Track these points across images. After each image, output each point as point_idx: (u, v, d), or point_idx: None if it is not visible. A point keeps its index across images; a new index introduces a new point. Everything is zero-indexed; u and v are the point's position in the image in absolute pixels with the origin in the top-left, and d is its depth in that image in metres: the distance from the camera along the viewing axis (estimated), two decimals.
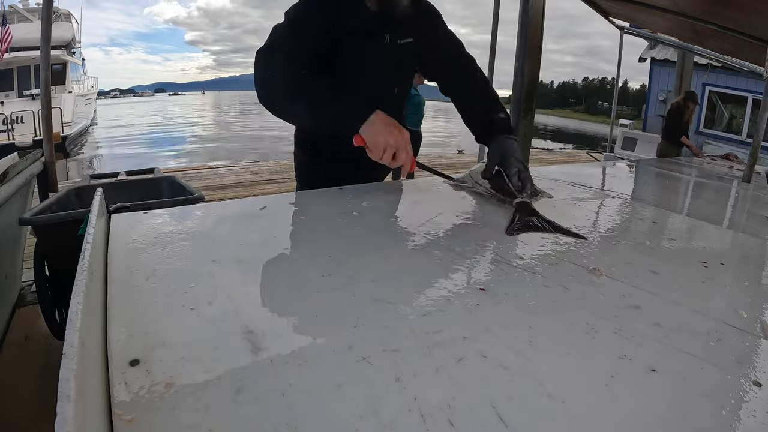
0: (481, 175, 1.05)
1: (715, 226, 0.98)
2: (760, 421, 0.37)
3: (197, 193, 1.92)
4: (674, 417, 0.37)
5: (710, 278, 0.67)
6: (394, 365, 0.41)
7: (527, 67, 1.91)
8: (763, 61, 1.95)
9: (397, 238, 0.76)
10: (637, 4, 2.93)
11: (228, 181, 5.04)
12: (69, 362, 0.29)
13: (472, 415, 0.36)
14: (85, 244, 0.51)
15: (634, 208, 1.08)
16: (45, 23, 2.25)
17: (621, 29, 4.47)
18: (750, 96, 7.69)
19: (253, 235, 0.73)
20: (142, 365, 0.39)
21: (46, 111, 2.33)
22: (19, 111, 9.64)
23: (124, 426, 0.33)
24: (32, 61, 10.89)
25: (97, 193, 0.74)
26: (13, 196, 1.70)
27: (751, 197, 1.51)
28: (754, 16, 2.16)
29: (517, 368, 0.42)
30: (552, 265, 0.66)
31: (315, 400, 0.36)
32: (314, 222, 0.82)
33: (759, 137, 2.01)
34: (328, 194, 0.98)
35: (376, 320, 0.49)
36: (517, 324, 0.49)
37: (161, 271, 0.57)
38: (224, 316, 0.48)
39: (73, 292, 0.39)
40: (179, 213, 0.82)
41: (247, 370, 0.39)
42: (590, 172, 1.66)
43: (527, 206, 0.88)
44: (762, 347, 0.49)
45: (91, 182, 2.30)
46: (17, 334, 1.82)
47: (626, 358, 0.44)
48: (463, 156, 6.83)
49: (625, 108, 28.33)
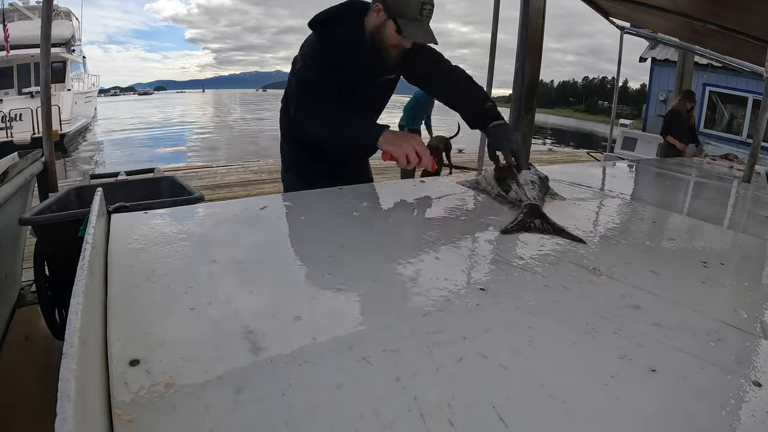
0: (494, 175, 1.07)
1: (715, 226, 0.98)
2: (760, 421, 0.37)
3: (197, 193, 1.92)
4: (674, 417, 0.37)
5: (710, 278, 0.67)
6: (394, 365, 0.41)
7: (527, 66, 1.91)
8: (763, 61, 1.95)
9: (397, 238, 0.76)
10: (637, 4, 2.93)
11: (228, 181, 5.04)
12: (69, 362, 0.29)
13: (472, 415, 0.36)
14: (85, 244, 0.51)
15: (634, 208, 1.08)
16: (45, 21, 2.24)
17: (621, 29, 4.46)
18: (750, 96, 7.68)
19: (253, 235, 0.73)
20: (142, 365, 0.39)
21: (46, 109, 2.32)
22: (18, 108, 9.62)
23: (124, 426, 0.33)
24: (32, 59, 10.87)
25: (97, 193, 0.74)
26: (13, 196, 1.70)
27: (751, 197, 1.51)
28: (754, 16, 2.16)
29: (517, 368, 0.42)
30: (552, 265, 0.66)
31: (315, 400, 0.36)
32: (314, 222, 0.82)
33: (759, 137, 2.00)
34: (328, 194, 0.98)
35: (376, 320, 0.49)
36: (517, 324, 0.49)
37: (161, 271, 0.57)
38: (224, 316, 0.48)
39: (73, 292, 0.39)
40: (179, 213, 0.82)
41: (247, 370, 0.39)
42: (590, 172, 1.66)
43: (536, 209, 0.88)
44: (762, 347, 0.49)
45: (91, 182, 2.30)
46: (17, 334, 1.81)
47: (626, 358, 0.44)
48: (463, 155, 6.83)
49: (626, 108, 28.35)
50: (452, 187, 1.09)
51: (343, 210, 0.85)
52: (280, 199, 0.96)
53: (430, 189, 1.09)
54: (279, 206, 0.88)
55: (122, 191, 1.99)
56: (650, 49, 9.05)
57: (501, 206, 0.97)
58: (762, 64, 1.97)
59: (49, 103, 2.34)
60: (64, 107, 11.00)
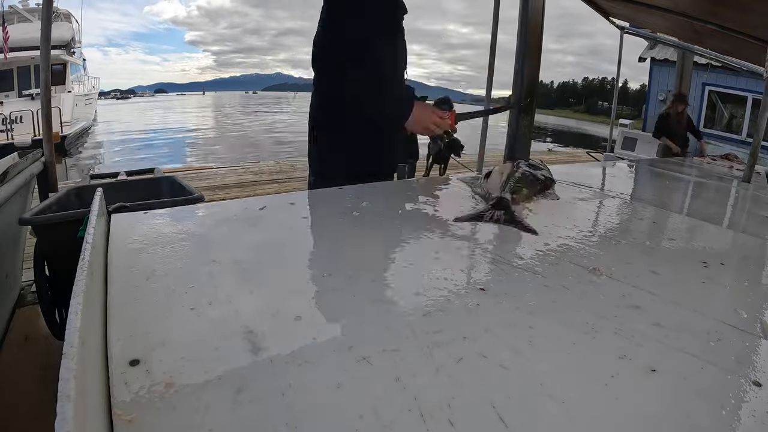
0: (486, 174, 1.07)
1: (715, 226, 0.98)
2: (760, 421, 0.37)
3: (197, 193, 1.92)
4: (674, 417, 0.37)
5: (710, 278, 0.67)
6: (394, 365, 0.41)
7: (527, 67, 1.91)
8: (763, 61, 1.95)
9: (397, 238, 0.75)
10: (637, 4, 2.93)
11: (228, 181, 5.04)
12: (69, 362, 0.29)
13: (472, 415, 0.36)
14: (85, 244, 0.51)
15: (634, 208, 1.08)
16: (45, 23, 2.24)
17: (621, 29, 4.46)
18: (750, 96, 7.68)
19: (253, 235, 0.73)
20: (142, 365, 0.39)
21: (46, 111, 2.32)
22: (18, 111, 9.63)
23: (124, 426, 0.33)
24: (32, 61, 10.88)
25: (97, 193, 0.74)
26: (13, 196, 1.70)
27: (751, 197, 1.51)
28: (754, 16, 2.16)
29: (517, 368, 0.42)
30: (552, 265, 0.66)
31: (315, 400, 0.36)
32: (314, 222, 0.82)
33: (759, 137, 2.00)
34: (328, 194, 0.98)
35: (376, 320, 0.49)
36: (517, 324, 0.49)
37: (161, 271, 0.57)
38: (224, 316, 0.48)
39: (73, 292, 0.39)
40: (179, 213, 0.82)
41: (247, 370, 0.39)
42: (590, 172, 1.67)
43: (504, 202, 0.89)
44: (762, 347, 0.49)
45: (91, 182, 2.30)
46: (17, 334, 1.81)
47: (626, 358, 0.44)
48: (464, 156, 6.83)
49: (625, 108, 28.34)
50: (452, 187, 1.09)
51: (343, 210, 0.85)
52: (280, 199, 0.96)
53: (429, 189, 1.09)
54: (279, 206, 0.88)
55: (122, 191, 1.99)
56: (650, 48, 9.05)
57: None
58: (762, 64, 1.97)
59: (50, 104, 2.34)
60: (65, 109, 11.01)
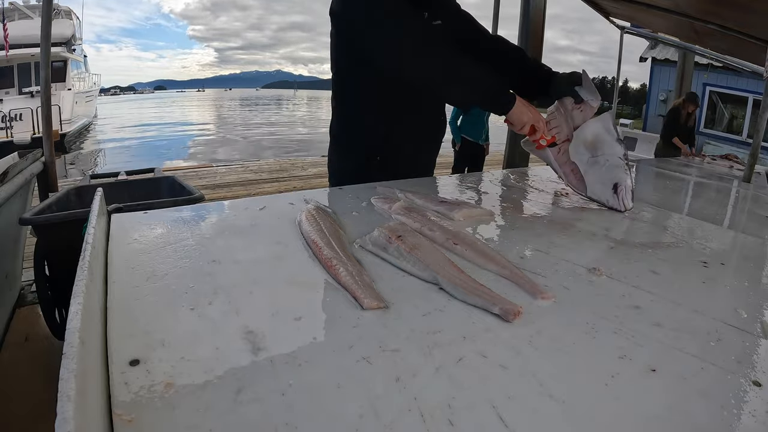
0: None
1: (716, 226, 0.98)
2: (760, 421, 0.37)
3: (197, 193, 1.92)
4: (674, 417, 0.37)
5: (710, 278, 0.67)
6: (394, 365, 0.41)
7: None
8: (763, 60, 1.95)
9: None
10: (637, 4, 2.93)
11: (228, 181, 5.04)
12: (69, 362, 0.29)
13: (472, 415, 0.36)
14: (85, 244, 0.51)
15: (634, 208, 1.08)
16: (45, 20, 2.24)
17: (621, 29, 4.46)
18: (750, 96, 7.68)
19: (253, 235, 0.73)
20: (142, 365, 0.39)
21: (46, 109, 2.31)
22: (18, 108, 9.61)
23: (124, 426, 0.33)
24: (32, 58, 10.85)
25: (97, 193, 0.74)
26: (13, 195, 1.70)
27: (751, 197, 1.51)
28: (754, 16, 2.16)
29: (517, 368, 0.42)
30: (552, 265, 0.66)
31: (315, 400, 0.36)
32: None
33: (759, 137, 2.00)
34: (327, 194, 0.98)
35: (376, 320, 0.49)
36: (517, 324, 0.49)
37: (161, 271, 0.57)
38: (224, 316, 0.48)
39: (73, 292, 0.39)
40: (179, 213, 0.82)
41: (247, 370, 0.39)
42: None
43: None
44: (762, 347, 0.49)
45: (91, 182, 2.30)
46: (17, 334, 1.82)
47: (626, 358, 0.44)
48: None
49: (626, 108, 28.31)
50: (452, 187, 1.09)
51: (343, 210, 0.85)
52: (280, 198, 0.96)
53: (429, 189, 1.09)
54: (279, 206, 0.88)
55: (122, 191, 1.99)
56: (650, 48, 9.05)
57: (499, 205, 0.97)
58: (762, 64, 1.97)
59: (49, 102, 2.34)
60: (65, 107, 10.99)
